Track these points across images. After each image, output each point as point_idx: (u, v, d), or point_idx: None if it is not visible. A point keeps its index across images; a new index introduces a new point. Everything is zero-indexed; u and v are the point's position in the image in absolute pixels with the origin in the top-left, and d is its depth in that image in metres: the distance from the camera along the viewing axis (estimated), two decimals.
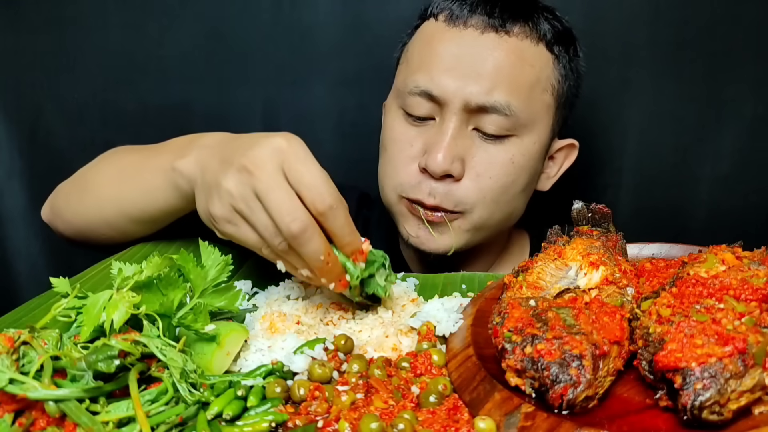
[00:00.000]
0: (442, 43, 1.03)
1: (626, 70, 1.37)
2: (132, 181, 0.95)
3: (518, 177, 1.06)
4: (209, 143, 0.83)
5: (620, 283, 0.71)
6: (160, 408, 0.58)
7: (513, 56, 1.01)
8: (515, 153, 1.04)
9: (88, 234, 1.04)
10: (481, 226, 1.07)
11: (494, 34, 1.01)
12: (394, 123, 1.08)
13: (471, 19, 1.02)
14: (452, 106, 1.01)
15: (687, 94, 1.37)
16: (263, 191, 0.69)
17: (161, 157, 0.91)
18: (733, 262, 0.67)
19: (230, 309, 0.71)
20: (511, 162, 1.04)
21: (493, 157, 1.03)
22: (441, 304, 0.77)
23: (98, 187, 1.01)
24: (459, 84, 1.00)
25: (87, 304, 0.64)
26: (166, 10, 1.40)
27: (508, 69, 1.01)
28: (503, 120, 1.01)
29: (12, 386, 0.55)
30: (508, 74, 1.01)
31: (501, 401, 0.58)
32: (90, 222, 1.02)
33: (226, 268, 0.73)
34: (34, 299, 0.82)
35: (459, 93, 1.00)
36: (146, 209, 0.94)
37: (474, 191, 1.03)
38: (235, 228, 0.73)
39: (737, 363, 0.53)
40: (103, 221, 1.00)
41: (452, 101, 1.00)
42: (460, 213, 1.05)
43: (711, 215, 1.42)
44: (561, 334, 0.59)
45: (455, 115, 1.01)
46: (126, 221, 0.98)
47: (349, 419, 0.57)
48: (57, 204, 1.10)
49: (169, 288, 0.67)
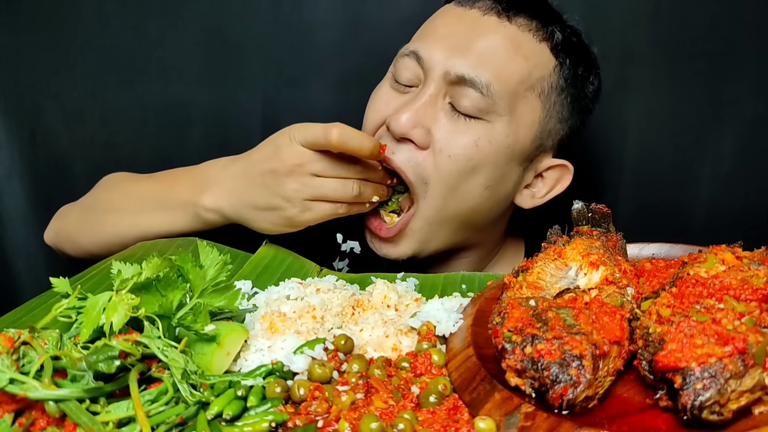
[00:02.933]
0: (444, 18, 1.06)
1: (626, 70, 1.37)
2: (155, 212, 1.06)
3: (479, 165, 1.00)
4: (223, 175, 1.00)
5: (620, 283, 0.71)
6: (160, 408, 0.58)
7: (508, 42, 1.00)
8: (481, 136, 0.99)
9: (100, 255, 1.08)
10: (435, 219, 1.02)
11: (495, 17, 1.02)
12: (379, 89, 1.09)
13: (479, 1, 1.04)
14: (433, 72, 1.00)
15: (687, 93, 1.37)
16: (320, 170, 0.92)
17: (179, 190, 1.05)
18: (733, 262, 0.67)
19: (230, 308, 0.71)
20: (474, 144, 0.99)
21: (458, 133, 0.99)
22: (441, 304, 0.77)
23: (116, 215, 1.10)
24: (446, 53, 1.00)
25: (86, 306, 0.64)
26: (166, 10, 1.40)
27: (500, 53, 1.00)
28: (479, 98, 0.98)
29: (12, 386, 0.55)
30: (498, 58, 0.99)
31: (501, 401, 0.58)
32: (105, 245, 1.09)
33: (225, 268, 0.73)
34: (34, 299, 0.82)
35: (443, 61, 1.00)
36: (168, 234, 1.05)
37: (432, 165, 0.99)
38: (312, 212, 0.94)
39: (737, 363, 0.53)
40: (120, 245, 1.07)
41: (434, 67, 1.00)
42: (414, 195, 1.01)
43: (711, 215, 1.42)
44: (561, 334, 0.59)
45: (433, 82, 1.01)
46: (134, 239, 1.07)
47: (349, 419, 0.57)
48: (65, 229, 1.17)
49: (168, 289, 0.67)
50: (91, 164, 1.16)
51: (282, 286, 0.84)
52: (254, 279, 0.90)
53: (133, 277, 0.66)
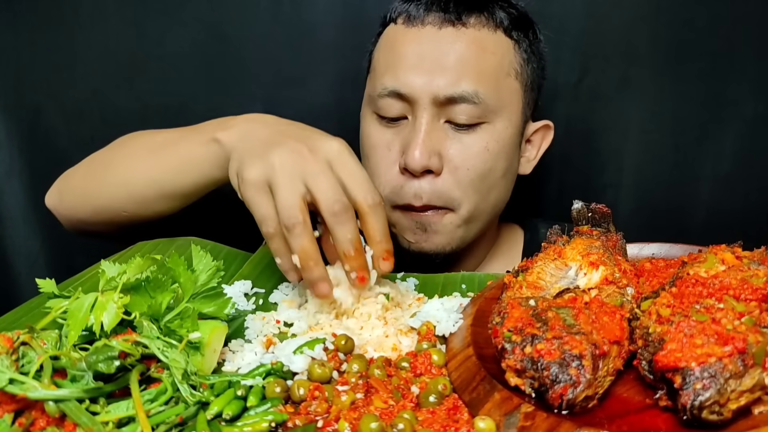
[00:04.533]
0: (404, 45, 1.05)
1: (627, 70, 1.37)
2: (167, 156, 0.99)
3: (495, 163, 1.06)
4: (258, 119, 0.90)
5: (620, 283, 0.71)
6: (160, 408, 0.58)
7: (473, 46, 1.03)
8: (489, 140, 1.04)
9: (105, 215, 1.05)
10: (471, 217, 1.08)
11: (452, 27, 1.03)
12: (369, 129, 1.09)
13: (428, 17, 1.04)
14: (422, 101, 1.01)
15: (687, 93, 1.37)
16: (312, 174, 0.76)
17: (200, 131, 0.95)
18: (732, 262, 0.67)
19: (219, 315, 0.70)
20: (486, 150, 1.04)
21: (468, 147, 1.04)
22: (441, 304, 0.77)
23: (127, 164, 1.04)
24: (425, 79, 1.01)
25: (71, 308, 0.63)
26: (165, 9, 1.40)
27: (471, 59, 1.02)
28: (473, 108, 1.02)
29: (12, 386, 0.55)
30: (472, 64, 1.02)
31: (501, 401, 0.58)
32: (112, 200, 1.04)
33: (217, 274, 0.73)
34: (34, 299, 0.82)
35: (426, 88, 1.01)
36: (181, 182, 0.98)
37: (454, 184, 1.04)
38: (258, 196, 0.77)
39: (737, 363, 0.53)
40: (129, 198, 1.02)
41: (421, 97, 1.01)
42: (449, 209, 1.05)
43: (711, 215, 1.42)
44: (561, 334, 0.59)
45: (425, 110, 1.02)
46: (156, 196, 1.01)
47: (349, 419, 0.57)
48: (70, 186, 1.11)
49: (158, 290, 0.67)
50: None
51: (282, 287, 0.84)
52: (254, 279, 0.90)
53: (119, 275, 0.66)
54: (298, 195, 0.75)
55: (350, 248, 0.75)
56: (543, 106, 1.20)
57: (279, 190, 0.75)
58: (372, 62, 1.12)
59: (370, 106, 1.09)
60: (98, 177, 1.07)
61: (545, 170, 1.43)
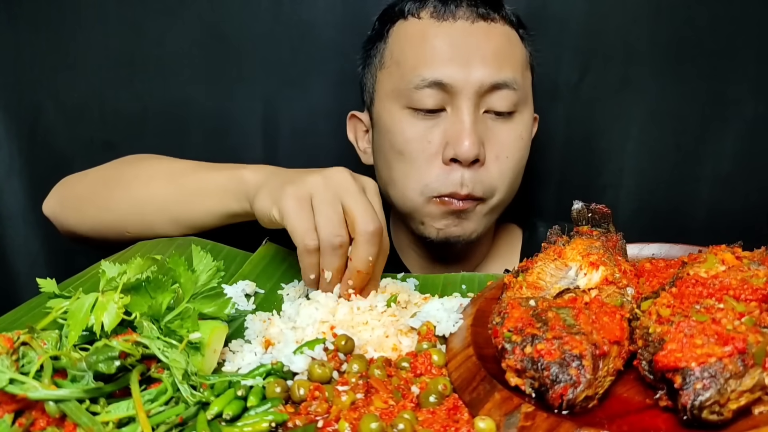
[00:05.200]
0: (438, 37, 1.06)
1: (627, 69, 1.37)
2: (186, 182, 1.00)
3: (525, 153, 1.11)
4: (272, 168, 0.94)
5: (620, 283, 0.71)
6: (160, 408, 0.58)
7: (504, 39, 1.08)
8: (522, 129, 1.09)
9: (107, 231, 1.05)
10: (498, 206, 1.11)
11: (483, 22, 1.07)
12: (402, 125, 1.07)
13: (458, 11, 1.07)
14: (465, 91, 1.03)
15: (687, 93, 1.37)
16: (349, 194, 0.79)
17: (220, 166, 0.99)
18: (732, 262, 0.67)
19: (219, 316, 0.70)
20: (520, 138, 1.09)
21: (506, 136, 1.07)
22: (441, 304, 0.77)
23: (141, 185, 1.04)
24: (467, 70, 1.03)
25: (72, 308, 0.63)
26: (165, 9, 1.40)
27: (505, 50, 1.07)
28: (512, 95, 1.06)
29: (12, 386, 0.55)
30: (507, 54, 1.07)
31: (501, 401, 0.58)
32: (119, 219, 1.04)
33: (218, 274, 0.73)
34: (34, 299, 0.82)
35: (470, 78, 1.03)
36: (196, 210, 0.99)
37: (497, 173, 1.07)
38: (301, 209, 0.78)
39: (737, 363, 0.53)
40: (137, 220, 1.02)
41: (465, 87, 1.03)
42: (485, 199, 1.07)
43: (711, 215, 1.42)
44: (561, 334, 0.59)
45: (469, 100, 1.03)
46: (166, 221, 1.02)
47: (349, 419, 0.57)
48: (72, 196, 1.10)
49: (158, 291, 0.67)
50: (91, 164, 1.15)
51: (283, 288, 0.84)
52: (254, 278, 0.90)
53: (119, 276, 0.66)
54: (341, 213, 0.78)
55: (366, 267, 0.78)
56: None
57: (324, 206, 0.78)
58: (386, 59, 1.11)
59: (399, 100, 1.08)
60: (107, 193, 1.06)
61: (545, 170, 1.43)
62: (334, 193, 0.79)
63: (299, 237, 0.77)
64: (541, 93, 1.38)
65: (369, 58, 1.17)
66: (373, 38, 1.16)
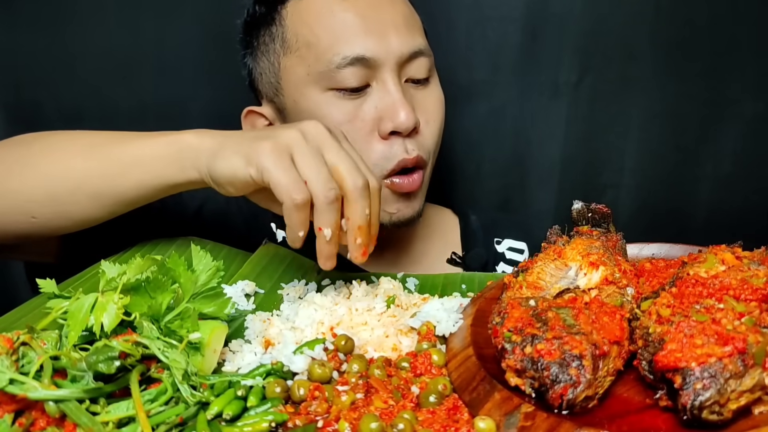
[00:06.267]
0: (347, 11, 1.00)
1: (627, 69, 1.37)
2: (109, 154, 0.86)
3: (444, 116, 1.09)
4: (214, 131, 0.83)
5: (620, 283, 0.71)
6: (160, 408, 0.58)
7: (405, 6, 1.06)
8: (438, 93, 1.08)
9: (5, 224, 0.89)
10: (429, 174, 1.09)
11: None
12: (330, 108, 1.01)
13: None
14: (388, 63, 1.00)
15: (687, 93, 1.37)
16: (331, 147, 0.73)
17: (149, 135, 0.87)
18: (732, 262, 0.67)
19: (219, 316, 0.70)
20: (440, 102, 1.08)
21: (429, 101, 1.06)
22: (441, 304, 0.77)
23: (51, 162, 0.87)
24: (385, 41, 1.00)
25: (71, 309, 0.63)
26: (165, 8, 1.40)
27: (410, 17, 1.05)
28: (427, 61, 1.05)
29: (12, 386, 0.55)
30: (412, 21, 1.06)
31: (501, 401, 0.58)
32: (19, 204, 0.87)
33: (217, 274, 0.72)
34: (34, 299, 0.82)
35: (390, 48, 1.00)
36: (122, 183, 0.85)
37: (430, 137, 1.06)
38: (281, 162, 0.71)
39: (737, 363, 0.53)
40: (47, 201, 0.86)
41: (387, 59, 1.00)
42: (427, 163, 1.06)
43: (711, 215, 1.42)
44: (561, 334, 0.59)
45: (393, 71, 1.01)
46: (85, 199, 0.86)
47: (349, 419, 0.57)
48: None
49: (158, 291, 0.67)
50: None
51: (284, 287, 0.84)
52: (254, 278, 0.90)
53: (119, 276, 0.66)
54: (326, 167, 0.72)
55: (364, 220, 0.73)
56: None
57: (309, 159, 0.72)
58: (292, 40, 1.04)
59: (319, 84, 1.01)
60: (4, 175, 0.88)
61: (545, 170, 1.43)
62: (316, 146, 0.73)
63: (285, 191, 0.71)
64: (541, 93, 1.38)
65: (262, 45, 1.09)
66: (257, 23, 1.09)
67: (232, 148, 0.76)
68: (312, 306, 0.77)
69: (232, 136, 0.80)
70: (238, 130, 0.92)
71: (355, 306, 0.77)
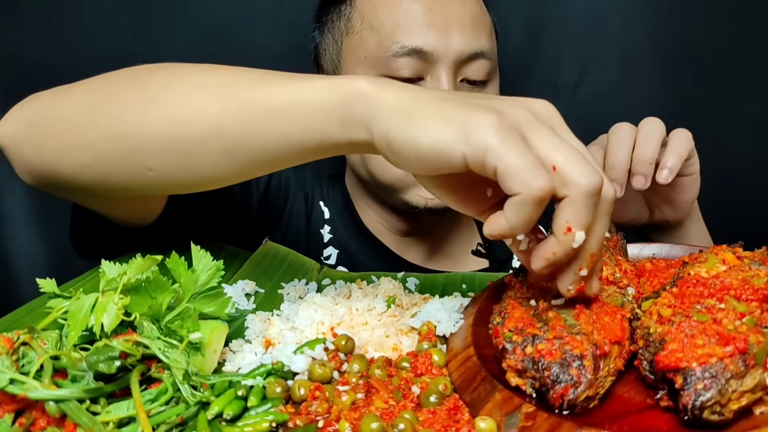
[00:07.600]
0: (414, 2, 1.00)
1: (627, 69, 1.37)
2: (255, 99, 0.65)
3: None
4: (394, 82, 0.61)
5: (621, 283, 0.71)
6: (160, 408, 0.58)
7: (477, 5, 1.05)
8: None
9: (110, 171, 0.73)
10: None
11: None
12: None
13: None
14: (445, 59, 1.00)
15: (687, 93, 1.37)
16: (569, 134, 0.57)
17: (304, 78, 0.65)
18: (733, 262, 0.67)
19: (219, 316, 0.70)
20: None
21: None
22: (441, 303, 0.77)
23: (177, 99, 0.69)
24: (446, 37, 0.99)
25: (71, 309, 0.63)
26: (165, 9, 1.40)
27: (480, 16, 1.04)
28: (487, 64, 1.03)
29: (12, 386, 0.55)
30: (481, 21, 1.04)
31: (501, 401, 0.58)
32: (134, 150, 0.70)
33: (217, 274, 0.72)
34: (35, 300, 0.82)
35: (449, 46, 0.99)
36: (267, 139, 0.65)
37: None
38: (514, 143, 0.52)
39: (738, 363, 0.53)
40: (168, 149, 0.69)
41: (444, 55, 0.99)
42: None
43: (711, 215, 1.42)
44: (561, 334, 0.59)
45: (449, 68, 1.00)
46: (216, 152, 0.68)
47: (350, 419, 0.57)
48: (54, 118, 0.77)
49: (158, 291, 0.67)
50: None
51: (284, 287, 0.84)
52: (254, 278, 0.89)
53: (119, 276, 0.65)
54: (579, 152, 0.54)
55: (600, 244, 0.56)
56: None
57: (552, 141, 0.54)
58: (357, 21, 1.03)
59: (374, 68, 1.01)
60: (116, 113, 0.71)
61: None
62: (550, 129, 0.56)
63: (525, 177, 0.51)
64: (541, 93, 1.37)
65: (330, 22, 1.09)
66: (332, 0, 1.10)
67: (436, 113, 0.56)
68: (312, 306, 0.77)
69: (424, 93, 0.59)
70: None
71: (355, 306, 0.77)
